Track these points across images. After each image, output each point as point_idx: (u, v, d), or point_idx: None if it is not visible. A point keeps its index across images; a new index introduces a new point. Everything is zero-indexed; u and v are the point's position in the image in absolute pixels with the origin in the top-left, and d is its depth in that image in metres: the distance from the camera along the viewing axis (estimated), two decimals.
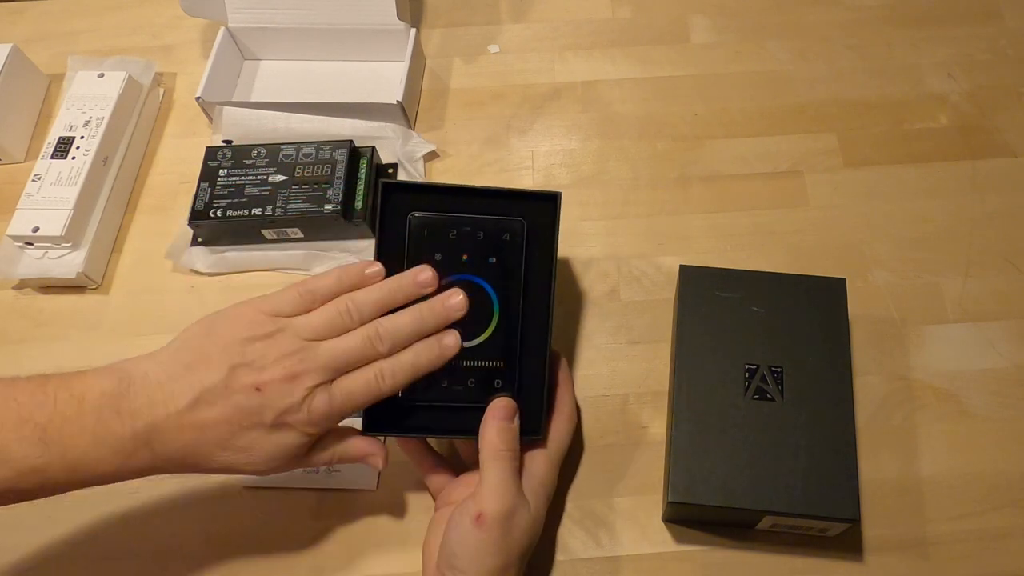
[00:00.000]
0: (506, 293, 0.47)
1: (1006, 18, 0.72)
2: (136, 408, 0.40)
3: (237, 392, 0.41)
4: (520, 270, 0.47)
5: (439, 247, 0.47)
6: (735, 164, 0.65)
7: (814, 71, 0.70)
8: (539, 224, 0.48)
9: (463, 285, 0.46)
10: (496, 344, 0.47)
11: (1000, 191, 0.63)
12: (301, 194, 0.60)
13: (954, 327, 0.57)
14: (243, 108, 0.66)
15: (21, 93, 0.69)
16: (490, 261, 0.47)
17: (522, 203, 0.48)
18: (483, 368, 0.47)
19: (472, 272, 0.47)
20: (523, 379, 0.47)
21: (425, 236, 0.47)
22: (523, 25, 0.75)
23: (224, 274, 0.62)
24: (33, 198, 0.60)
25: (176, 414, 0.40)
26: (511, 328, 0.47)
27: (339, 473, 0.53)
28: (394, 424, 0.47)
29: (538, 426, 0.47)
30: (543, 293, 0.48)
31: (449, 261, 0.47)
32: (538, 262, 0.48)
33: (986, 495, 0.51)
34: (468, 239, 0.47)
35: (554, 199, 0.48)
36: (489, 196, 0.48)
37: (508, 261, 0.47)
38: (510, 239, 0.47)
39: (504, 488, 0.44)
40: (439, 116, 0.69)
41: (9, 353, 0.60)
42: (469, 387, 0.46)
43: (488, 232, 0.47)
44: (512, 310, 0.47)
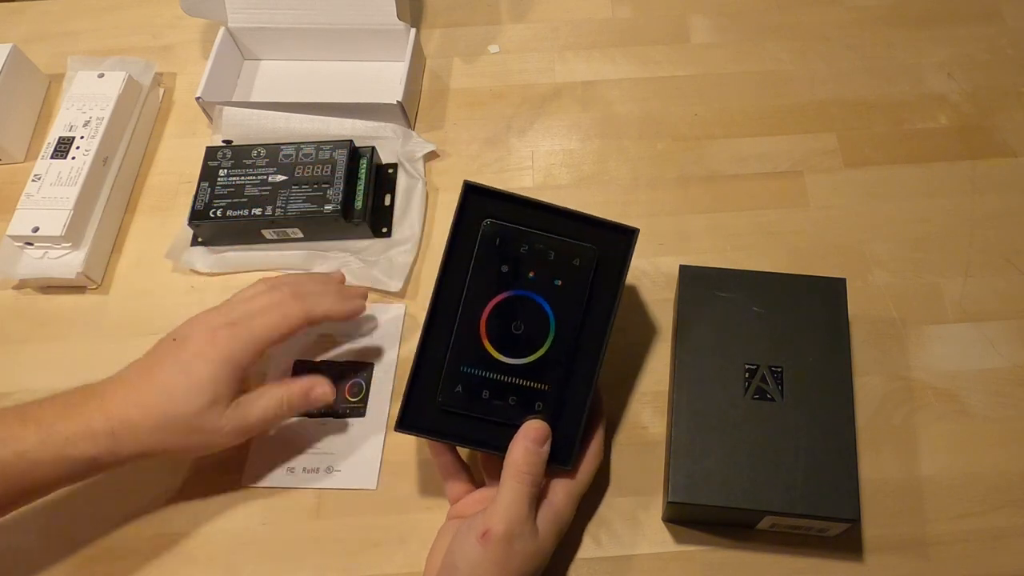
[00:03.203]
0: (564, 318, 0.46)
1: (1006, 18, 0.72)
2: (97, 385, 0.47)
3: (161, 347, 0.48)
4: (583, 298, 0.46)
5: (507, 259, 0.46)
6: (735, 164, 0.65)
7: (814, 71, 0.70)
8: (610, 255, 0.47)
9: (523, 302, 0.46)
10: (544, 367, 0.46)
11: (1000, 191, 0.63)
12: (301, 194, 0.60)
13: (954, 327, 0.57)
14: (243, 108, 0.66)
15: (21, 93, 0.69)
16: (555, 283, 0.46)
17: (598, 231, 0.47)
18: (527, 388, 0.46)
19: (535, 291, 0.46)
20: (565, 407, 0.46)
21: (496, 245, 0.46)
22: (523, 25, 0.75)
23: (224, 274, 0.62)
24: (33, 198, 0.60)
25: (118, 376, 0.48)
26: (563, 354, 0.46)
27: (339, 473, 0.53)
28: (428, 427, 0.46)
29: (569, 457, 0.46)
30: (601, 325, 0.47)
31: (515, 275, 0.46)
32: (602, 293, 0.47)
33: (986, 495, 0.51)
34: (538, 256, 0.46)
35: (631, 234, 0.47)
36: (567, 217, 0.47)
37: (573, 287, 0.46)
38: (579, 265, 0.46)
39: (516, 509, 0.43)
40: (439, 116, 0.69)
41: (9, 353, 0.60)
42: (509, 404, 0.46)
43: (559, 253, 0.46)
44: (567, 337, 0.46)
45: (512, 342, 0.46)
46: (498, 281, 0.46)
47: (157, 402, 0.46)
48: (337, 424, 0.55)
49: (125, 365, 0.49)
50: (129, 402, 0.45)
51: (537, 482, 0.44)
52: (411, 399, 0.46)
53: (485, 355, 0.46)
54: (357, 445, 0.54)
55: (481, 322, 0.46)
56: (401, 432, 0.46)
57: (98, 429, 0.45)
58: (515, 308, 0.46)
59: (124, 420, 0.45)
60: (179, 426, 0.46)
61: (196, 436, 0.47)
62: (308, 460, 0.54)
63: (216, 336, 0.47)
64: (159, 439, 0.46)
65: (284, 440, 0.54)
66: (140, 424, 0.45)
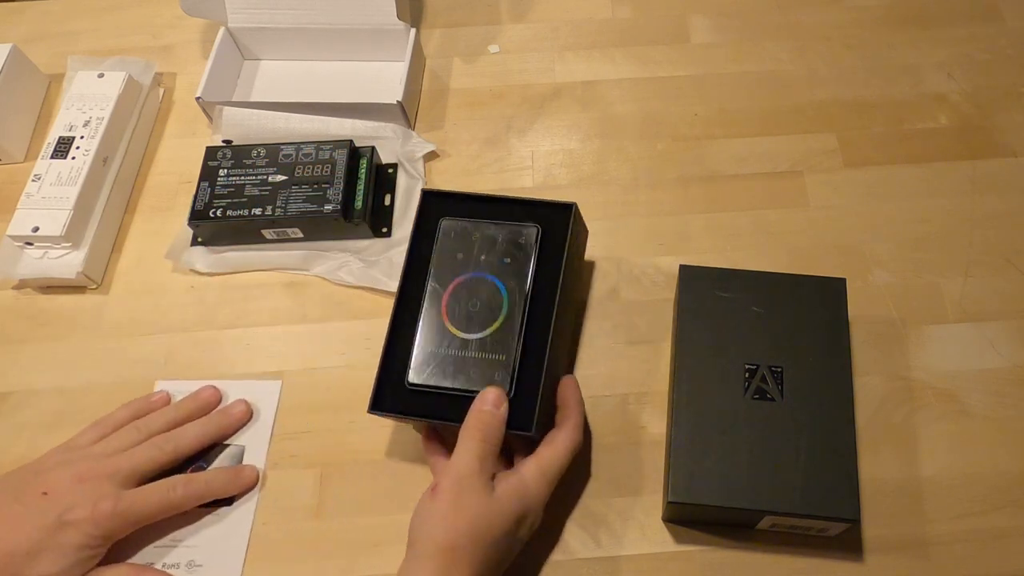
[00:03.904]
0: (515, 291, 0.50)
1: (1006, 18, 0.72)
2: None
3: (28, 497, 0.45)
4: (528, 271, 0.50)
5: (462, 248, 0.51)
6: (735, 164, 0.65)
7: (814, 71, 0.70)
8: (556, 232, 0.51)
9: (478, 282, 0.50)
10: (500, 340, 0.49)
11: (1000, 191, 0.63)
12: (301, 194, 0.60)
13: (954, 327, 0.57)
14: (243, 108, 0.66)
15: (21, 93, 0.69)
16: (505, 261, 0.50)
17: (541, 212, 0.52)
18: (485, 360, 0.48)
19: (488, 271, 0.50)
20: (522, 375, 0.48)
21: (451, 238, 0.52)
22: (523, 25, 0.75)
23: (224, 274, 0.62)
24: (33, 198, 0.60)
25: None
26: (516, 325, 0.49)
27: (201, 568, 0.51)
28: (396, 407, 0.49)
29: (531, 423, 0.47)
30: (551, 294, 0.50)
31: (468, 260, 0.51)
32: (550, 264, 0.50)
33: (986, 495, 0.51)
34: (488, 241, 0.51)
35: (568, 208, 0.51)
36: (512, 204, 0.53)
37: (520, 263, 0.50)
38: (524, 243, 0.51)
39: (463, 463, 0.44)
40: (439, 116, 0.69)
41: (9, 353, 0.60)
42: (471, 377, 0.48)
43: (506, 236, 0.51)
44: (517, 309, 0.49)
45: (470, 319, 0.49)
46: (455, 268, 0.51)
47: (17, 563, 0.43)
48: (201, 514, 0.52)
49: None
50: None
51: (488, 439, 0.45)
52: (381, 384, 0.49)
53: (447, 334, 0.49)
54: (221, 537, 0.51)
55: (443, 304, 0.50)
56: (373, 414, 0.49)
57: None
58: (471, 288, 0.50)
59: None
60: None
61: None
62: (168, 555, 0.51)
63: (99, 510, 0.45)
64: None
65: (143, 534, 0.50)
66: None
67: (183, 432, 0.51)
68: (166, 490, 0.48)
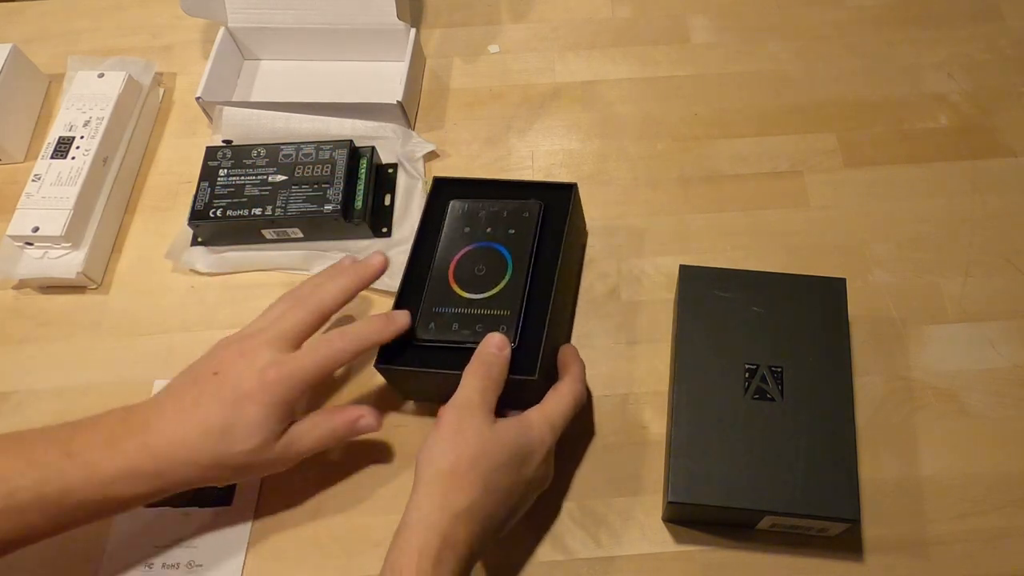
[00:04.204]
0: (519, 256, 0.53)
1: (1006, 18, 0.72)
2: (137, 417, 0.46)
3: (201, 381, 0.46)
4: (532, 240, 0.53)
5: (469, 223, 0.55)
6: (735, 164, 0.65)
7: (814, 71, 0.70)
8: (557, 209, 0.55)
9: (484, 251, 0.54)
10: (504, 298, 0.52)
11: (1000, 191, 0.63)
12: (301, 194, 0.60)
13: (954, 327, 0.57)
14: (243, 108, 0.66)
15: (21, 93, 0.69)
16: (510, 232, 0.54)
17: (544, 192, 0.56)
18: (490, 316, 0.51)
19: (493, 240, 0.54)
20: (525, 328, 0.51)
21: (459, 216, 0.55)
22: (523, 25, 0.75)
23: (224, 274, 0.62)
24: (33, 198, 0.60)
25: (161, 410, 0.46)
26: (520, 285, 0.52)
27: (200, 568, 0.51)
28: (405, 360, 0.51)
29: (534, 367, 0.49)
30: (552, 258, 0.53)
31: (475, 233, 0.55)
32: (551, 238, 0.54)
33: (986, 495, 0.51)
34: (494, 217, 0.55)
35: (569, 188, 0.56)
36: (516, 187, 0.57)
37: (524, 232, 0.54)
38: (528, 216, 0.54)
39: (464, 393, 0.46)
40: (439, 116, 0.69)
41: (9, 353, 0.60)
42: (476, 331, 0.50)
43: (510, 211, 0.55)
44: (521, 271, 0.52)
45: (476, 282, 0.52)
46: (463, 240, 0.54)
47: (207, 444, 0.44)
48: (201, 514, 0.52)
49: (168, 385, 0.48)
50: (176, 442, 0.44)
51: (490, 375, 0.47)
52: (388, 344, 0.51)
53: (453, 295, 0.52)
54: (221, 537, 0.52)
55: (450, 271, 0.53)
56: (380, 367, 0.50)
57: (145, 470, 0.44)
58: (477, 256, 0.54)
59: (171, 460, 0.44)
60: (229, 464, 0.45)
61: (245, 471, 0.47)
62: (168, 555, 0.51)
63: (266, 378, 0.45)
64: (207, 476, 0.46)
65: (144, 533, 0.52)
66: (188, 464, 0.44)
67: (323, 287, 0.50)
68: (324, 344, 0.48)
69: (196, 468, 0.45)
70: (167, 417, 0.45)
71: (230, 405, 0.45)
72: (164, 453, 0.44)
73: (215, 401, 0.45)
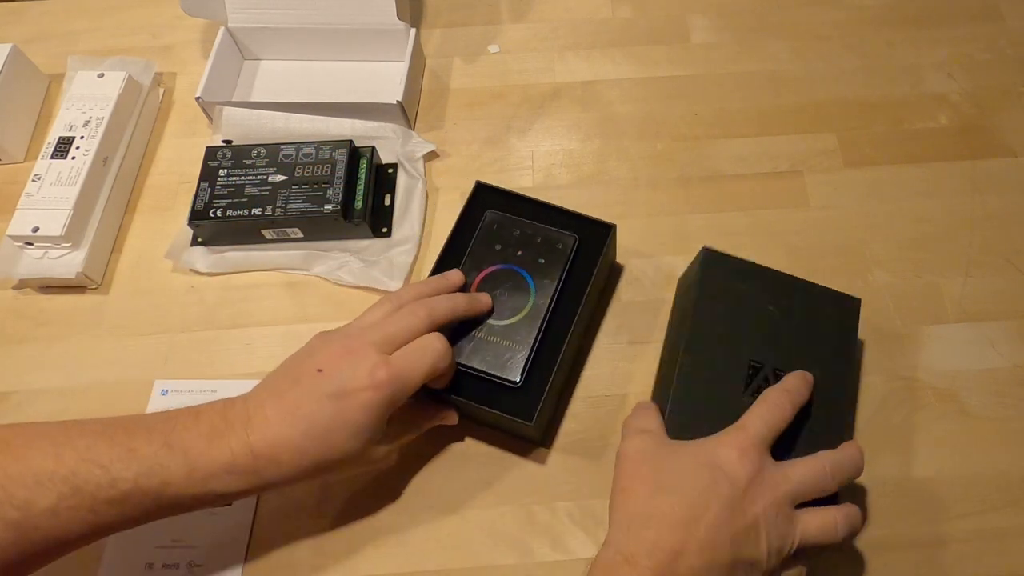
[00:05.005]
0: (543, 289, 0.53)
1: (1006, 18, 0.72)
2: (238, 413, 0.44)
3: (304, 377, 0.45)
4: (560, 274, 0.53)
5: (501, 240, 0.55)
6: (735, 164, 0.65)
7: (814, 71, 0.70)
8: (591, 244, 0.55)
9: (510, 274, 0.53)
10: (521, 329, 0.52)
11: (1000, 191, 0.63)
12: (301, 194, 0.60)
13: (954, 327, 0.57)
14: (243, 108, 0.66)
15: (21, 93, 0.69)
16: (540, 261, 0.54)
17: (581, 224, 0.56)
18: (503, 345, 0.51)
19: (521, 265, 0.54)
20: (533, 365, 0.51)
21: (494, 230, 0.55)
22: (523, 25, 0.75)
23: (224, 274, 0.62)
24: (33, 198, 0.60)
25: (261, 407, 0.44)
26: (536, 321, 0.52)
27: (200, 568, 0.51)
28: None
29: (532, 412, 0.49)
30: (577, 296, 0.53)
31: (505, 252, 0.54)
32: (581, 273, 0.54)
33: (986, 495, 0.51)
34: (527, 240, 0.55)
35: (608, 228, 0.55)
36: (556, 212, 0.56)
37: (553, 264, 0.54)
38: (561, 248, 0.54)
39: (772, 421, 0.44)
40: (439, 116, 0.69)
41: (9, 353, 0.60)
42: (485, 359, 0.51)
43: (544, 238, 0.55)
44: (543, 306, 0.52)
45: (495, 306, 0.52)
46: (491, 256, 0.54)
47: (311, 446, 0.43)
48: (201, 515, 0.49)
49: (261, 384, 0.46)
50: (278, 441, 0.43)
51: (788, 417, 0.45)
52: None
53: None
54: (221, 537, 0.52)
55: (473, 286, 0.53)
56: None
57: (244, 467, 0.42)
58: (502, 279, 0.53)
59: (272, 459, 0.43)
60: (330, 466, 0.44)
61: (345, 471, 0.46)
62: (168, 555, 0.51)
63: (375, 378, 0.44)
64: (305, 476, 0.44)
65: (144, 533, 0.48)
66: (290, 465, 0.43)
67: (436, 300, 0.49)
68: (432, 343, 0.46)
69: (296, 469, 0.43)
70: (269, 415, 0.43)
71: (336, 405, 0.43)
72: (265, 452, 0.43)
73: (319, 401, 0.43)
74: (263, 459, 0.42)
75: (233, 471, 0.42)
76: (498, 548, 0.51)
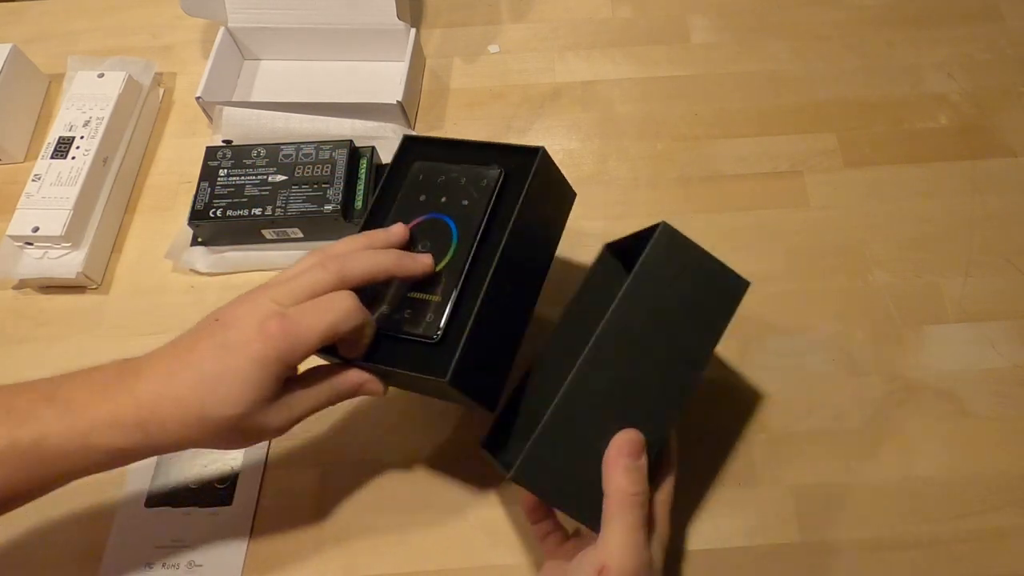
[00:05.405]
0: (465, 234, 0.46)
1: (1006, 18, 0.72)
2: (133, 365, 0.42)
3: (203, 328, 0.42)
4: (483, 213, 0.46)
5: (426, 190, 0.49)
6: (735, 164, 0.65)
7: (814, 71, 0.70)
8: (519, 175, 0.47)
9: (435, 223, 0.47)
10: (445, 279, 0.46)
11: (1000, 191, 0.63)
12: (301, 194, 0.60)
13: (954, 327, 0.57)
14: (243, 108, 0.66)
15: (21, 93, 0.69)
16: (463, 203, 0.47)
17: (509, 156, 0.48)
18: (420, 301, 0.45)
19: (445, 211, 0.47)
20: (454, 318, 0.45)
21: (419, 180, 0.50)
22: (523, 25, 0.75)
23: (224, 274, 0.62)
24: (33, 198, 0.60)
25: (156, 358, 0.42)
26: (456, 268, 0.46)
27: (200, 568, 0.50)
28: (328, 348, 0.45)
29: (446, 368, 0.42)
30: (499, 242, 0.45)
31: (429, 202, 0.48)
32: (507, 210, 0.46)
33: (986, 495, 0.51)
34: (451, 184, 0.48)
35: (534, 153, 0.47)
36: (482, 148, 0.50)
37: (476, 204, 0.47)
38: (484, 185, 0.47)
39: (634, 542, 0.39)
40: (439, 116, 0.69)
41: (9, 353, 0.60)
42: (405, 318, 0.45)
43: (468, 178, 0.48)
44: (464, 251, 0.46)
45: None
46: (416, 209, 0.48)
47: (193, 399, 0.40)
48: (200, 514, 0.52)
49: None
50: (163, 393, 0.40)
51: (647, 502, 0.40)
52: None
53: None
54: (221, 537, 0.51)
55: None
56: None
57: (127, 419, 0.40)
58: (426, 229, 0.47)
59: (155, 412, 0.40)
60: (217, 427, 0.40)
61: (236, 435, 0.42)
62: (168, 555, 0.51)
63: (265, 329, 0.40)
64: (194, 438, 0.41)
65: (144, 533, 0.52)
66: (173, 420, 0.40)
67: (354, 255, 0.44)
68: (337, 300, 0.42)
69: (181, 425, 0.40)
70: (159, 366, 0.41)
71: (222, 354, 0.40)
72: (149, 402, 0.40)
73: (209, 348, 0.41)
74: (147, 410, 0.40)
75: (115, 424, 0.40)
76: (498, 548, 0.51)
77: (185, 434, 0.40)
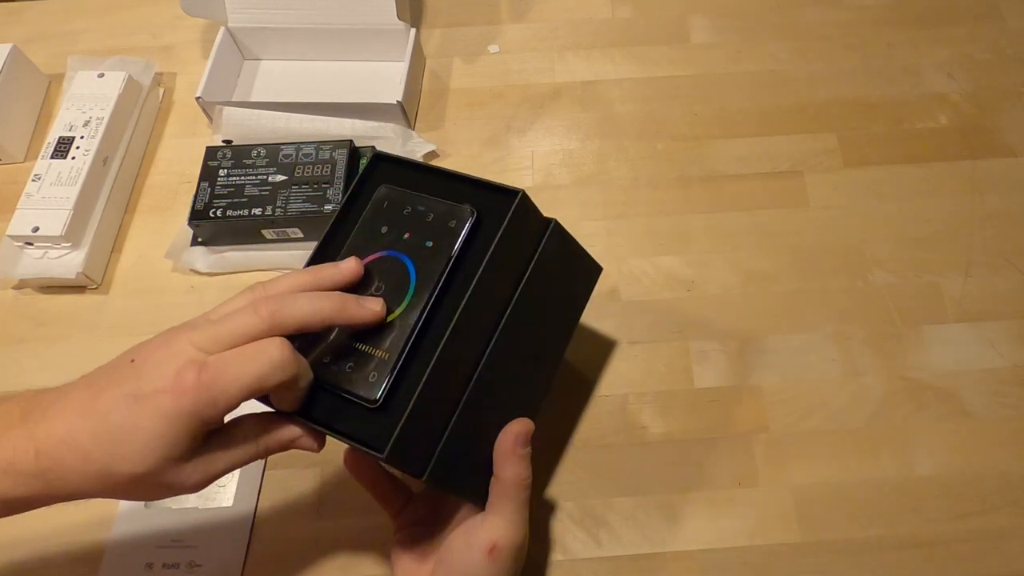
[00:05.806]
0: (425, 281, 0.40)
1: (1006, 18, 0.72)
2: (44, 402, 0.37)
3: (117, 368, 0.38)
4: (445, 260, 0.40)
5: (389, 221, 0.43)
6: (735, 164, 0.65)
7: (814, 71, 0.70)
8: (493, 218, 0.41)
9: (393, 262, 0.41)
10: (394, 332, 0.40)
11: (1000, 191, 0.63)
12: (301, 194, 0.60)
13: (954, 327, 0.57)
14: (243, 108, 0.66)
15: (21, 93, 0.69)
16: (427, 244, 0.41)
17: (485, 194, 0.42)
18: (364, 355, 0.40)
19: (405, 251, 0.41)
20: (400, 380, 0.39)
21: (383, 208, 0.43)
22: (523, 25, 0.75)
23: (224, 274, 0.62)
24: (33, 198, 0.60)
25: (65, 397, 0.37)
26: (411, 321, 0.40)
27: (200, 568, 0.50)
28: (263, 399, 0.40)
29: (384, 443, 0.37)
30: (463, 293, 0.39)
31: (390, 235, 0.42)
32: (475, 257, 0.40)
33: (986, 495, 0.51)
34: (417, 219, 0.42)
35: (513, 195, 0.41)
36: (457, 181, 0.43)
37: (441, 248, 0.41)
38: (453, 227, 0.41)
39: (522, 519, 0.43)
40: (439, 116, 0.69)
41: (9, 353, 0.60)
42: (346, 371, 0.39)
43: (437, 215, 0.42)
44: (419, 302, 0.40)
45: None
46: (375, 242, 0.42)
47: (96, 452, 0.35)
48: (200, 514, 0.52)
49: None
50: (66, 441, 0.35)
51: (531, 484, 0.43)
52: None
53: None
54: (221, 537, 0.51)
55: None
56: None
57: (25, 468, 0.35)
58: (382, 269, 0.41)
59: (56, 463, 0.35)
60: (122, 484, 0.36)
61: (145, 491, 0.38)
62: (168, 555, 0.51)
63: (181, 381, 0.35)
64: (97, 491, 0.36)
65: (144, 533, 0.51)
66: (75, 472, 0.36)
67: (292, 299, 0.38)
68: (267, 349, 0.36)
69: (84, 479, 0.36)
70: (66, 408, 0.36)
71: (131, 406, 0.35)
72: (49, 450, 0.35)
73: (117, 398, 0.36)
74: (47, 460, 0.35)
75: (10, 471, 0.35)
76: None
77: (87, 487, 0.36)
